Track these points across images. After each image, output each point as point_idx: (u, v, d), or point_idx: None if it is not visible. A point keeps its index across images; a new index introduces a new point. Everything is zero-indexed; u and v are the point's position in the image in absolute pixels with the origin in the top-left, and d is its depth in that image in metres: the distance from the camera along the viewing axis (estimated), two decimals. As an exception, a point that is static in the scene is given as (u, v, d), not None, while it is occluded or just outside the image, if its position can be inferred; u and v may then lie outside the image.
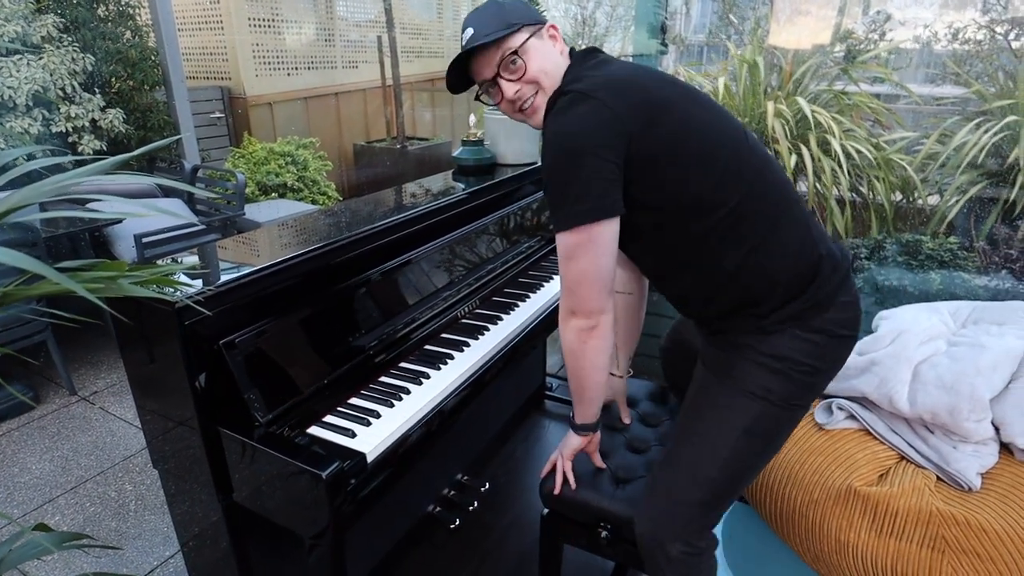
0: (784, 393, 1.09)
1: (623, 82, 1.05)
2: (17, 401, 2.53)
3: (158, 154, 3.95)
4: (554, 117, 1.05)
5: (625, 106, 1.01)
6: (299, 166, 4.39)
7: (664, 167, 1.04)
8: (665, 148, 1.03)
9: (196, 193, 3.48)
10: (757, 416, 1.09)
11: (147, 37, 3.83)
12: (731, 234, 1.06)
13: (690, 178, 1.04)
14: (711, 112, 1.10)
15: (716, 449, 1.11)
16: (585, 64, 1.13)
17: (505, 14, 1.13)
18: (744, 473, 1.14)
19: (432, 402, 1.23)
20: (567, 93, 1.05)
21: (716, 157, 1.05)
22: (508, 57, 1.13)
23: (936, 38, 3.29)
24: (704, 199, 1.05)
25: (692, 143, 1.05)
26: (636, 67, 1.13)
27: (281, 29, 5.03)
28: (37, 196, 0.64)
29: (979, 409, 1.46)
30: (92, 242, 2.93)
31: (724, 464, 1.10)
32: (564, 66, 1.15)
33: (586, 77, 1.07)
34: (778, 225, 1.08)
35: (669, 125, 1.03)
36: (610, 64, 1.12)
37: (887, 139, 3.30)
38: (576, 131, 1.00)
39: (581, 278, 1.05)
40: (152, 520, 2.00)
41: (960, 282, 2.12)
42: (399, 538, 1.68)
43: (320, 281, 1.27)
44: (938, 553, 1.37)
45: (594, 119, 1.00)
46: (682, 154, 1.04)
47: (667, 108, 1.04)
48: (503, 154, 2.03)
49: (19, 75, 3.00)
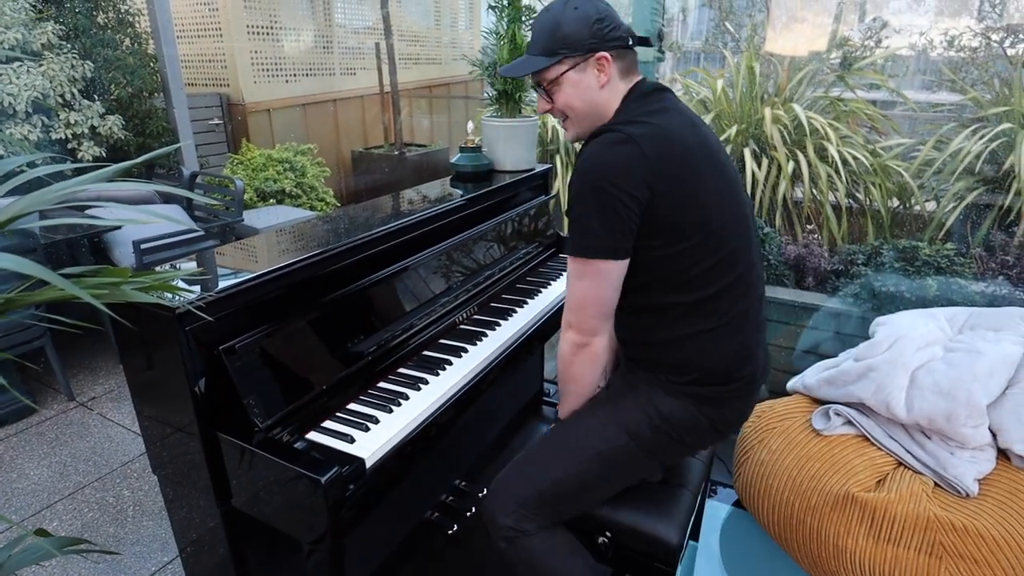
0: (650, 445, 1.18)
1: (671, 139, 1.06)
2: (16, 407, 2.53)
3: (157, 160, 3.96)
4: (595, 149, 1.07)
5: (662, 163, 1.03)
6: (297, 172, 4.40)
7: (668, 233, 1.07)
8: (678, 217, 1.06)
9: (195, 199, 3.49)
10: (616, 448, 1.18)
11: (146, 44, 3.84)
12: (693, 315, 1.13)
13: (687, 253, 1.08)
14: (732, 193, 1.13)
15: (573, 455, 1.20)
16: (646, 106, 1.12)
17: (556, 35, 1.10)
18: (587, 488, 1.21)
19: (431, 408, 1.23)
20: (615, 131, 1.06)
21: (721, 245, 1.10)
22: (541, 84, 1.16)
23: (932, 45, 3.32)
24: (691, 279, 1.10)
25: (706, 223, 1.08)
26: (689, 122, 1.12)
27: (279, 36, 5.05)
28: (40, 204, 0.65)
29: (976, 415, 1.46)
30: (91, 248, 2.93)
31: (574, 472, 1.19)
32: (604, 100, 1.14)
33: (641, 122, 1.07)
34: (737, 325, 1.15)
35: (692, 197, 1.07)
36: (668, 113, 1.11)
37: (883, 145, 3.32)
38: (611, 172, 1.03)
39: (583, 301, 1.11)
40: (150, 526, 1.99)
41: (957, 288, 2.13)
42: (397, 544, 1.68)
43: (319, 287, 1.28)
44: (936, 559, 1.38)
45: (631, 165, 1.03)
46: (691, 231, 1.07)
47: (699, 180, 1.07)
48: (501, 161, 2.04)
49: (19, 82, 3.01)
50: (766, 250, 2.58)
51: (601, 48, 1.10)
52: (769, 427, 1.77)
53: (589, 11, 1.09)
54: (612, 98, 1.14)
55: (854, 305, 2.24)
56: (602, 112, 1.15)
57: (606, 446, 1.18)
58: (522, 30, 1.91)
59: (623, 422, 1.18)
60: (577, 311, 1.13)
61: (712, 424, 1.19)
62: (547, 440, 1.27)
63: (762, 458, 1.72)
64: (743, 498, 1.79)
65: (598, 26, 1.09)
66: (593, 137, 1.10)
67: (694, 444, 1.22)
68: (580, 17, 1.09)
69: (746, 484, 1.75)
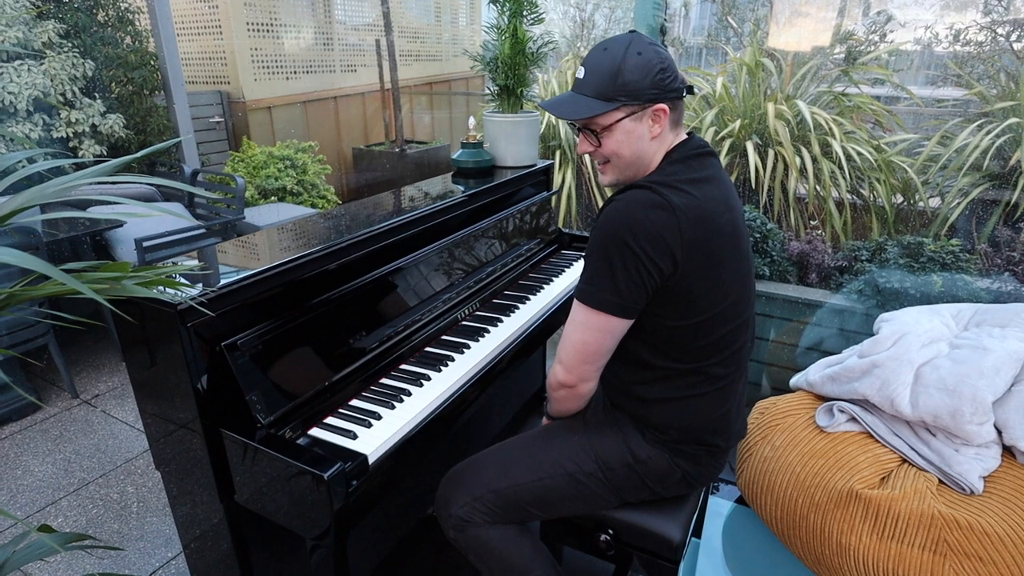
0: (619, 481, 1.19)
1: (707, 219, 1.03)
2: (20, 404, 2.53)
3: (158, 158, 3.96)
4: (631, 207, 1.01)
5: (694, 243, 1.01)
6: (298, 170, 4.40)
7: (681, 307, 1.06)
8: (695, 296, 1.06)
9: (196, 196, 3.49)
10: (586, 474, 1.19)
11: (147, 42, 3.84)
12: (684, 379, 1.13)
13: (693, 328, 1.08)
14: (746, 268, 1.13)
15: (541, 467, 1.20)
16: (690, 171, 1.07)
17: (617, 81, 1.03)
18: (544, 502, 1.21)
19: (433, 404, 1.23)
20: (656, 192, 1.01)
21: (727, 322, 1.10)
22: (590, 126, 1.10)
23: (937, 39, 3.29)
24: (692, 350, 1.10)
25: (718, 304, 1.08)
26: (724, 199, 1.09)
27: (280, 33, 5.04)
28: (41, 198, 0.64)
29: (981, 412, 1.45)
30: (93, 246, 2.93)
31: (537, 483, 1.20)
32: (652, 150, 1.09)
33: (683, 191, 1.03)
34: (725, 394, 1.16)
35: (713, 280, 1.06)
36: (709, 185, 1.07)
37: (888, 141, 3.30)
38: (642, 234, 0.99)
39: (582, 349, 1.10)
40: (154, 522, 1.99)
41: (962, 284, 2.12)
42: (400, 539, 1.68)
43: (321, 284, 1.27)
44: (940, 557, 1.37)
45: (664, 235, 1.00)
46: (703, 309, 1.07)
47: (721, 265, 1.06)
48: (502, 157, 2.03)
49: (20, 80, 3.01)
50: (769, 247, 2.57)
51: (661, 99, 1.05)
52: (772, 424, 1.76)
53: (652, 59, 1.03)
54: (659, 149, 1.10)
55: (858, 301, 2.23)
56: (646, 162, 1.10)
57: (576, 469, 1.20)
58: (523, 25, 1.90)
59: (599, 452, 1.20)
60: (573, 355, 1.11)
61: (685, 476, 1.20)
62: (519, 446, 1.27)
63: (765, 455, 1.71)
64: (746, 495, 1.78)
65: (660, 76, 1.03)
66: (631, 188, 1.06)
67: (662, 492, 1.22)
68: (643, 65, 1.03)
69: (749, 481, 1.75)
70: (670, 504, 1.25)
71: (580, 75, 1.08)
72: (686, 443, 1.17)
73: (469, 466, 1.26)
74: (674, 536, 1.20)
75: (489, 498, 1.20)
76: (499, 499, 1.20)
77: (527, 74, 1.96)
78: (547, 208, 2.12)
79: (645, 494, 1.23)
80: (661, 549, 1.22)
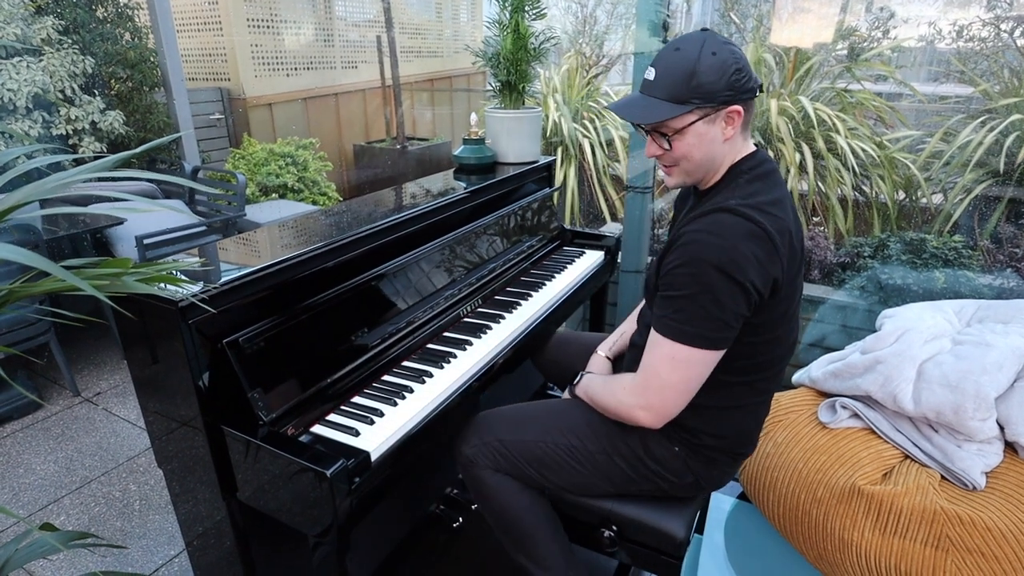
0: (616, 470, 1.21)
1: (793, 241, 1.02)
2: (21, 402, 2.53)
3: (158, 156, 3.95)
4: (727, 236, 0.97)
5: (789, 262, 1.01)
6: (299, 167, 4.39)
7: (762, 326, 1.05)
8: (776, 315, 1.06)
9: (197, 193, 3.49)
10: (585, 452, 1.22)
11: (146, 38, 3.82)
12: (728, 392, 1.12)
13: (763, 344, 1.08)
14: (801, 290, 1.14)
15: (549, 433, 1.25)
16: (766, 191, 1.04)
17: (691, 83, 0.99)
18: (544, 464, 1.25)
19: (436, 400, 1.23)
20: (748, 218, 0.98)
21: (786, 339, 1.11)
22: (661, 129, 1.06)
23: (940, 35, 3.28)
24: (751, 365, 1.10)
25: (787, 320, 1.09)
26: (794, 214, 1.08)
27: (280, 30, 5.02)
28: (39, 194, 0.64)
29: (984, 408, 1.45)
30: (94, 243, 2.93)
31: (542, 445, 1.24)
32: (722, 154, 1.07)
33: (769, 213, 1.00)
34: (760, 409, 1.17)
35: (788, 298, 1.06)
36: (783, 205, 1.04)
37: (890, 138, 3.29)
38: (747, 263, 0.96)
39: (683, 386, 1.05)
40: (157, 520, 2.00)
41: (965, 281, 2.11)
42: (402, 537, 1.68)
43: (322, 281, 1.27)
44: (942, 552, 1.37)
45: (764, 263, 0.98)
46: (777, 326, 1.07)
47: (799, 285, 1.08)
48: (504, 153, 2.02)
49: (19, 77, 3.00)
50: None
51: (735, 101, 1.01)
52: (774, 420, 1.76)
53: (727, 59, 0.98)
54: (730, 153, 1.07)
55: (860, 298, 2.23)
56: (716, 166, 1.08)
57: (580, 445, 1.22)
58: (526, 20, 1.89)
59: (610, 438, 1.21)
60: (672, 396, 1.06)
61: (697, 479, 1.20)
62: (537, 409, 1.33)
63: (767, 451, 1.71)
64: (748, 491, 1.78)
65: (736, 76, 0.99)
66: (717, 211, 1.01)
67: (668, 490, 1.22)
68: (718, 65, 0.98)
69: (751, 477, 1.75)
70: (675, 502, 1.25)
71: (650, 76, 1.04)
72: (716, 450, 1.17)
73: (490, 415, 1.34)
74: (678, 533, 1.20)
75: (495, 445, 1.26)
76: (503, 448, 1.26)
77: (529, 69, 1.95)
78: (549, 204, 2.11)
79: (648, 488, 1.22)
80: (664, 546, 1.22)
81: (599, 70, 4.71)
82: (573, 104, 4.16)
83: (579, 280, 1.84)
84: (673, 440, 1.17)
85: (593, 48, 4.73)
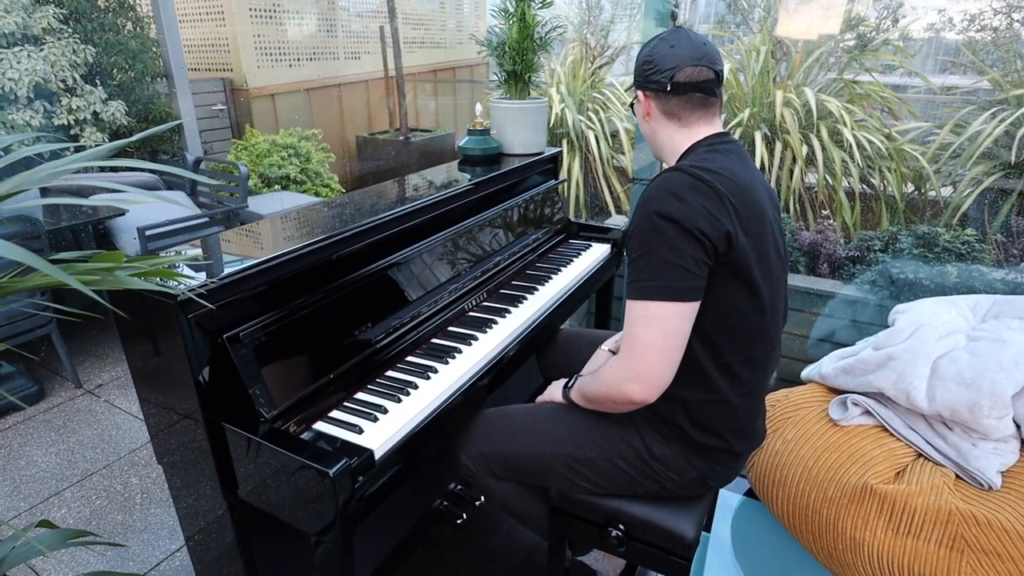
0: (623, 477, 1.20)
1: (738, 188, 1.04)
2: (23, 394, 2.52)
3: (160, 147, 3.92)
4: (672, 187, 1.02)
5: (744, 216, 1.02)
6: (302, 158, 4.35)
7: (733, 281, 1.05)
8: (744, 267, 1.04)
9: (199, 184, 3.46)
10: (585, 458, 1.21)
11: (148, 28, 3.78)
12: (708, 383, 1.10)
13: (740, 310, 1.07)
14: (778, 279, 1.13)
15: (545, 444, 1.25)
16: (721, 156, 1.10)
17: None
18: (543, 475, 1.27)
19: (441, 397, 1.20)
20: (689, 173, 1.03)
21: (762, 312, 1.09)
22: None
23: (951, 24, 3.22)
24: (736, 337, 1.08)
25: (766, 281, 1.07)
26: (759, 179, 1.13)
27: (282, 20, 4.97)
28: (33, 182, 0.61)
29: (1000, 406, 1.42)
30: (95, 235, 2.91)
31: (539, 457, 1.25)
32: (649, 132, 1.19)
33: (709, 170, 1.04)
34: (740, 400, 1.13)
35: (747, 251, 1.04)
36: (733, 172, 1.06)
37: (899, 129, 3.25)
38: (691, 212, 0.99)
39: (661, 343, 1.03)
40: (158, 514, 1.98)
41: (978, 275, 2.08)
42: (406, 533, 1.66)
43: (325, 274, 1.24)
44: (957, 553, 1.34)
45: (713, 209, 1.00)
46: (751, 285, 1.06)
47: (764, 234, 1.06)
48: (509, 144, 1.99)
49: (20, 67, 2.97)
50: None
51: (644, 88, 1.16)
52: (784, 416, 1.74)
53: (646, 51, 1.14)
54: (674, 136, 1.15)
55: (871, 292, 2.19)
56: (660, 143, 1.18)
57: (579, 453, 1.21)
58: (532, 8, 1.85)
59: (610, 442, 1.20)
60: (652, 357, 1.03)
61: (701, 475, 1.18)
62: (531, 417, 1.31)
63: (776, 448, 1.68)
64: (756, 488, 1.76)
65: (645, 67, 1.14)
66: (664, 172, 1.08)
67: (675, 490, 1.20)
68: (642, 54, 1.16)
69: (760, 474, 1.72)
70: (683, 501, 1.22)
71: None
72: (712, 447, 1.15)
73: (488, 419, 1.34)
74: (687, 533, 1.17)
75: (494, 457, 1.30)
76: (502, 460, 1.29)
77: (535, 59, 1.92)
78: (555, 196, 2.08)
79: (654, 489, 1.20)
80: (673, 546, 1.19)
81: (604, 61, 4.65)
82: (577, 95, 4.12)
83: (585, 274, 1.81)
84: (670, 439, 1.17)
85: (598, 38, 4.67)
